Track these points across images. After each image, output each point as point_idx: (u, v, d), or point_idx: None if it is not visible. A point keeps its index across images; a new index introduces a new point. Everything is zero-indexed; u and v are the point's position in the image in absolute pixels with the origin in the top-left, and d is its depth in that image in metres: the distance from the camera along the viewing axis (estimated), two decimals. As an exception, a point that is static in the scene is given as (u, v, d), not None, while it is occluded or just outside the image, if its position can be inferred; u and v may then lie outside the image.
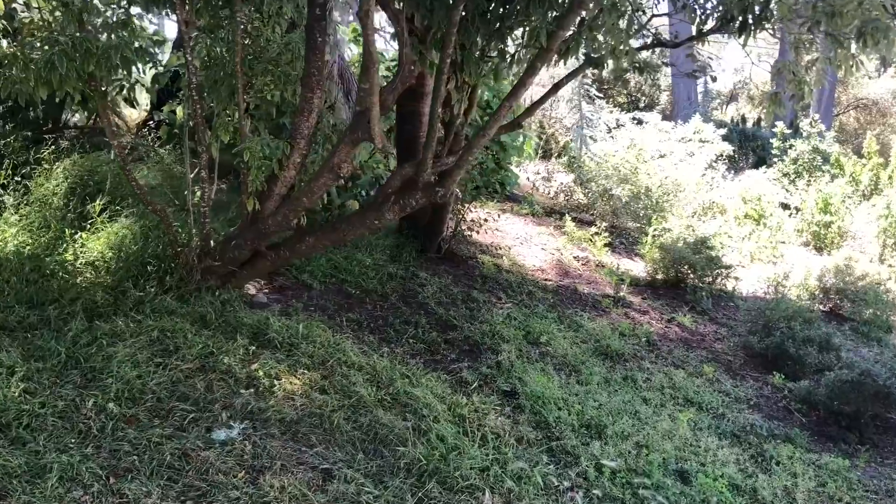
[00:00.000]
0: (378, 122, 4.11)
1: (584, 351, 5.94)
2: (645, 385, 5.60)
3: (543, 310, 6.63)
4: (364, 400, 4.12)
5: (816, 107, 33.98)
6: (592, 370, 5.56)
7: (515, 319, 6.18)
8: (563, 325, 6.38)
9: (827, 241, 12.46)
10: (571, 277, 8.08)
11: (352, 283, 6.15)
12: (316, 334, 4.69)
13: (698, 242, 8.42)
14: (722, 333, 7.29)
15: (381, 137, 4.20)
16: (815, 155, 17.13)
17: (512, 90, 4.52)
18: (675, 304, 7.88)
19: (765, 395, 6.01)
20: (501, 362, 5.23)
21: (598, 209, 10.68)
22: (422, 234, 7.23)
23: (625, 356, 6.06)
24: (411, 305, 6.05)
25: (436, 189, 4.63)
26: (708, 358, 6.52)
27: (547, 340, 5.92)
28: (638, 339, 6.54)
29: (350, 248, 6.77)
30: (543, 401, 4.76)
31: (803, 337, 6.46)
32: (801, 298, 8.80)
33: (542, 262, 8.40)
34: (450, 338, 5.56)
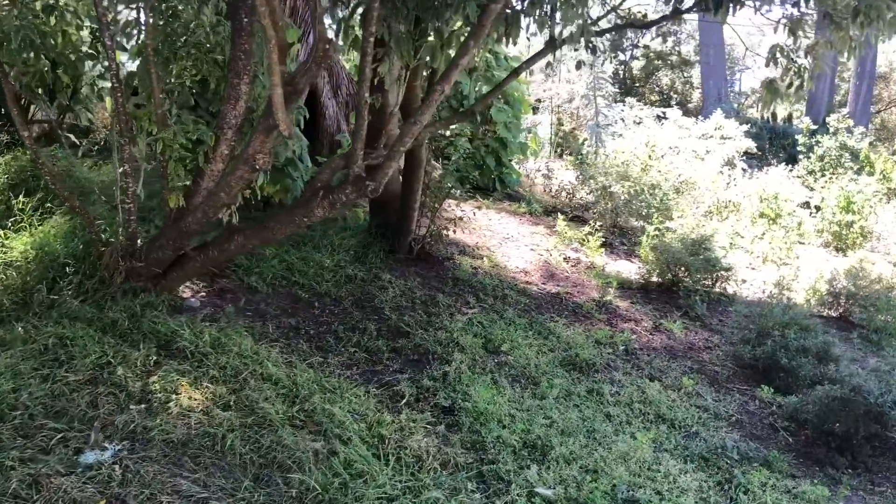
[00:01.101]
0: (281, 106, 3.70)
1: (549, 361, 5.46)
2: (612, 399, 5.10)
3: (513, 315, 6.16)
4: (270, 418, 3.70)
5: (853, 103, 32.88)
6: (553, 382, 5.08)
7: (478, 326, 5.72)
8: (531, 333, 5.90)
9: (849, 241, 11.75)
10: (557, 280, 7.59)
11: (304, 286, 5.76)
12: (234, 343, 4.29)
13: (696, 243, 7.85)
14: (714, 341, 6.73)
15: (286, 123, 3.79)
16: (843, 152, 16.31)
17: (444, 73, 4.07)
18: (667, 309, 7.34)
19: (750, 411, 5.46)
20: (448, 374, 4.78)
21: (598, 207, 10.14)
22: (391, 234, 6.81)
23: (595, 366, 5.56)
24: (365, 310, 5.63)
25: (366, 183, 4.20)
26: (692, 368, 5.99)
27: (509, 349, 5.46)
28: (615, 347, 6.03)
29: (309, 249, 6.39)
30: (485, 418, 4.31)
31: (798, 346, 5.89)
32: (810, 303, 8.20)
33: (528, 263, 7.91)
34: (398, 346, 5.13)
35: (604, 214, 10.01)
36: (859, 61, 32.01)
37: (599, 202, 10.19)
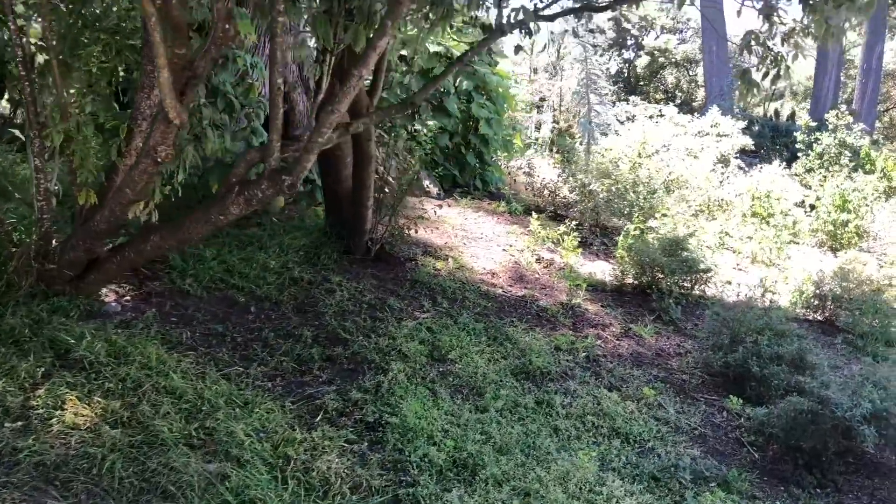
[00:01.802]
0: (170, 91, 3.35)
1: (500, 369, 5.10)
2: (563, 411, 4.73)
3: (469, 320, 5.80)
4: (163, 437, 3.36)
5: (859, 100, 32.34)
6: (499, 393, 4.72)
7: (426, 332, 5.37)
8: (486, 339, 5.54)
9: (844, 241, 11.33)
10: (525, 282, 7.22)
11: (242, 290, 5.42)
12: (140, 352, 3.95)
13: (673, 243, 7.47)
14: (686, 347, 6.35)
15: (174, 109, 3.44)
16: (842, 149, 15.87)
17: (362, 57, 3.72)
18: (640, 313, 6.96)
19: (715, 424, 5.08)
20: (381, 385, 4.43)
21: (579, 206, 9.76)
22: (346, 233, 6.46)
23: (550, 375, 5.20)
24: (305, 315, 5.28)
25: (282, 178, 3.85)
26: (657, 377, 5.61)
27: (457, 357, 5.10)
28: (576, 353, 5.66)
29: (255, 249, 6.04)
30: (414, 434, 3.95)
31: (771, 353, 5.51)
32: (796, 306, 7.81)
33: (497, 264, 7.55)
34: (333, 354, 4.78)
35: (584, 213, 9.63)
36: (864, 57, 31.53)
37: (581, 201, 9.81)
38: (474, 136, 11.01)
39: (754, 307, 6.12)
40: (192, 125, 4.41)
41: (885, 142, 20.55)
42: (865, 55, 32.07)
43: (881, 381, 4.73)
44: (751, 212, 11.72)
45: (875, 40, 31.44)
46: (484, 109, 10.91)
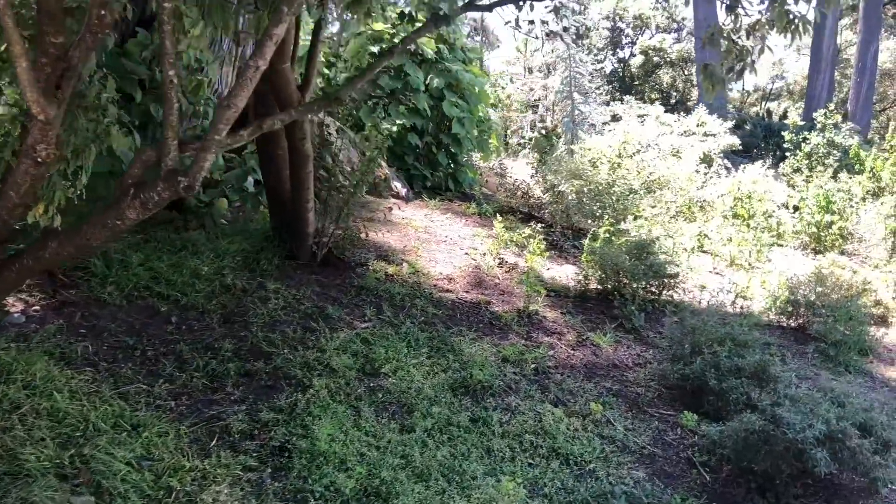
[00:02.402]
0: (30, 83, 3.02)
1: (438, 384, 4.77)
2: (499, 430, 4.41)
3: (414, 329, 5.47)
4: (30, 466, 3.03)
5: (854, 100, 32.01)
6: (430, 410, 4.39)
7: (362, 344, 5.04)
8: (427, 350, 5.21)
9: (827, 243, 11.00)
10: (483, 288, 6.90)
11: (167, 298, 5.08)
12: (24, 369, 3.62)
13: (639, 246, 7.14)
14: (646, 357, 6.03)
15: (37, 104, 3.11)
16: (831, 149, 15.54)
17: (257, 45, 3.38)
18: (601, 320, 6.63)
19: (667, 442, 4.76)
20: (297, 403, 4.10)
21: (550, 208, 9.43)
22: (288, 237, 6.14)
23: (492, 389, 4.87)
24: (231, 326, 4.95)
25: (178, 179, 3.52)
26: (610, 390, 5.28)
27: (391, 371, 4.77)
28: (524, 365, 5.34)
29: (188, 253, 5.71)
30: (324, 458, 3.63)
31: (730, 365, 5.18)
32: (770, 312, 7.49)
33: (456, 269, 7.22)
34: (252, 369, 4.45)
35: (555, 215, 9.30)
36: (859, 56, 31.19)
37: (552, 202, 9.48)
38: (446, 136, 10.69)
39: (716, 314, 5.79)
40: (96, 123, 4.08)
41: (880, 141, 20.17)
42: (860, 54, 31.72)
43: (841, 397, 4.40)
44: (732, 213, 11.38)
45: (870, 38, 31.09)
46: (456, 108, 10.59)
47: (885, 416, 4.30)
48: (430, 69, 10.62)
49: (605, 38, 37.52)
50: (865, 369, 6.54)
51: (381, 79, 10.34)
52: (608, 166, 11.69)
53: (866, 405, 4.34)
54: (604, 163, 11.83)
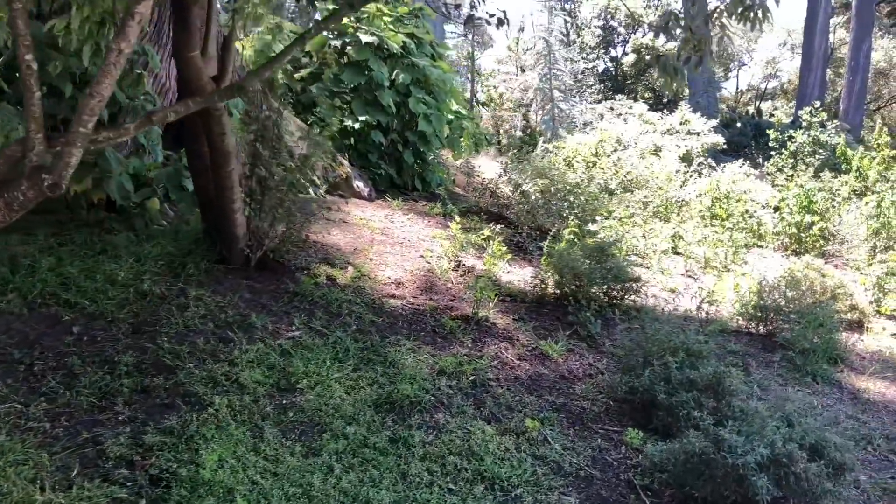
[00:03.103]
0: None
1: (360, 399, 4.39)
2: (421, 451, 4.04)
3: (346, 339, 5.10)
4: None
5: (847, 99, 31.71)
6: (345, 430, 4.02)
7: (281, 356, 4.66)
8: (356, 362, 4.84)
9: (808, 244, 10.64)
10: (434, 293, 6.53)
11: (75, 306, 4.71)
12: None
13: (599, 249, 6.78)
14: (599, 367, 5.66)
15: None
16: (817, 147, 15.18)
17: (119, 29, 3.01)
18: (555, 327, 6.27)
19: (607, 463, 4.39)
20: (190, 424, 3.72)
21: (516, 208, 9.06)
22: (218, 240, 5.77)
23: (422, 405, 4.50)
24: (140, 337, 4.58)
25: (42, 176, 3.15)
26: (553, 404, 4.91)
27: (309, 386, 4.40)
28: (462, 377, 4.96)
29: (106, 257, 5.34)
30: (208, 489, 3.25)
31: (681, 378, 4.81)
32: (740, 317, 7.12)
33: (407, 272, 6.85)
34: (151, 385, 4.07)
35: (520, 215, 8.93)
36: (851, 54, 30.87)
37: (518, 202, 9.11)
38: (413, 134, 10.31)
39: (671, 322, 5.42)
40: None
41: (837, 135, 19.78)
42: (853, 52, 31.41)
43: (793, 414, 4.03)
44: (710, 213, 11.02)
45: (862, 37, 30.78)
46: (423, 105, 10.21)
47: (838, 435, 3.93)
48: (395, 64, 10.24)
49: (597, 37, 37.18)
50: (835, 379, 6.18)
51: (344, 74, 9.97)
52: (583, 165, 11.37)
53: (819, 424, 3.97)
54: (578, 162, 11.51)
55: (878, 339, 7.48)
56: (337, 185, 9.53)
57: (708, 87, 23.08)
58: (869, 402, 5.87)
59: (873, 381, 6.27)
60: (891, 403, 5.90)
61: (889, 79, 41.15)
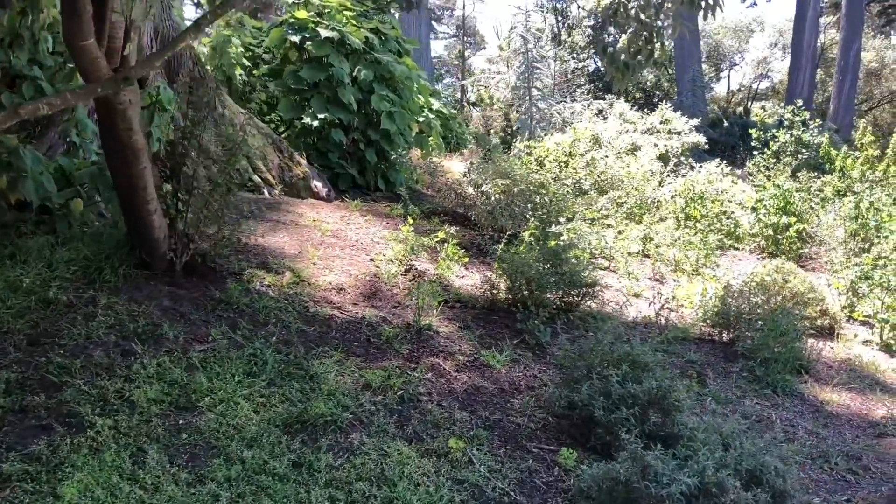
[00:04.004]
0: None
1: (268, 419, 4.04)
2: (327, 476, 3.69)
3: (265, 351, 4.75)
4: None
5: (836, 98, 31.48)
6: (243, 454, 3.66)
7: (187, 370, 4.30)
8: (272, 376, 4.49)
9: (784, 246, 10.31)
10: (378, 299, 6.18)
11: (-34, 316, 4.34)
12: None
13: (553, 253, 6.43)
14: (542, 380, 5.32)
15: None
16: (799, 146, 14.86)
17: None
18: (503, 335, 5.92)
19: (536, 487, 4.04)
20: (59, 450, 3.37)
21: (476, 209, 8.71)
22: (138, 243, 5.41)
23: (337, 424, 4.15)
24: (34, 350, 4.22)
25: None
26: (486, 421, 4.57)
27: (214, 403, 4.05)
28: (389, 393, 4.61)
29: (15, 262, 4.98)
30: (63, 525, 2.88)
31: (623, 393, 4.46)
32: (701, 325, 6.79)
33: (352, 277, 6.50)
34: (30, 405, 3.72)
35: (480, 217, 8.59)
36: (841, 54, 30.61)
37: (479, 203, 8.76)
38: (375, 132, 9.97)
39: (617, 329, 5.08)
40: None
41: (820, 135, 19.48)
42: (842, 52, 31.17)
43: (734, 435, 3.69)
44: (684, 215, 10.69)
45: (852, 37, 30.52)
46: (387, 102, 9.86)
47: (780, 459, 3.58)
48: (358, 61, 9.90)
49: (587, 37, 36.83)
50: (797, 390, 5.84)
51: (303, 70, 9.62)
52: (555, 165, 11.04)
53: (759, 445, 3.63)
54: (551, 162, 11.18)
55: (849, 346, 7.16)
56: (294, 186, 9.20)
57: (693, 86, 22.73)
58: (831, 415, 5.54)
59: (838, 393, 5.94)
60: (854, 417, 5.56)
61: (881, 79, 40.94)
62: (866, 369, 6.50)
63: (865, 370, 6.49)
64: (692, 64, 24.50)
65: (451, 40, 50.47)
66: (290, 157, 9.31)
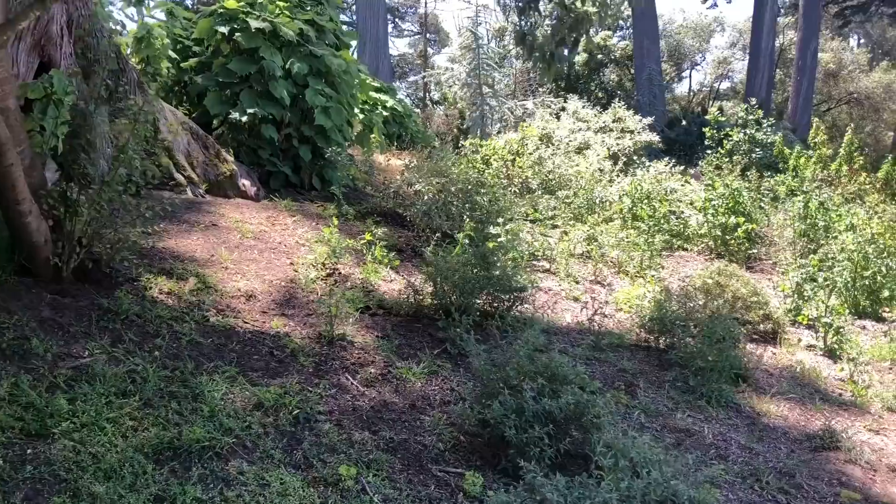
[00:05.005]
0: None
1: (136, 445, 3.60)
2: (189, 513, 3.25)
3: (147, 367, 4.30)
4: None
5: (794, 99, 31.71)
6: (94, 489, 3.22)
7: (48, 391, 3.84)
8: (149, 396, 4.04)
9: (733, 247, 10.07)
10: (291, 307, 5.75)
11: None
12: None
13: (481, 256, 6.06)
14: (460, 394, 4.94)
15: None
16: (752, 146, 14.71)
17: None
18: (424, 345, 5.54)
19: (434, 518, 3.65)
20: None
21: (411, 210, 8.31)
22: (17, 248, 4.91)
23: (215, 450, 3.71)
24: None
25: None
26: (390, 443, 4.17)
27: (71, 429, 3.59)
28: (283, 412, 4.19)
29: None
30: None
31: (537, 410, 4.10)
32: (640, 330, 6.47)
33: (266, 283, 6.06)
34: None
35: (415, 217, 8.19)
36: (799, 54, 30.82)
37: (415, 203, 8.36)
38: (310, 128, 9.50)
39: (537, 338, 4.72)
40: None
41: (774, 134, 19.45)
42: (800, 52, 31.41)
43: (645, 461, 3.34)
44: (631, 215, 10.40)
45: (809, 37, 30.75)
46: (321, 97, 9.40)
47: (695, 487, 3.24)
48: (292, 53, 9.43)
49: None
50: (733, 401, 5.54)
51: (232, 63, 9.13)
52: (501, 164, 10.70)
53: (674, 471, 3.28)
54: (497, 160, 10.84)
55: (792, 351, 6.90)
56: (220, 184, 8.71)
57: (650, 85, 22.59)
58: (767, 427, 5.24)
59: (776, 403, 5.65)
60: (791, 429, 5.27)
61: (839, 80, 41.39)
62: (807, 377, 6.23)
63: (806, 378, 6.22)
64: (649, 63, 24.36)
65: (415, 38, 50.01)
66: (217, 154, 8.82)
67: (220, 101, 9.26)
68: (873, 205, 11.43)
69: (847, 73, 41.21)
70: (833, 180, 13.79)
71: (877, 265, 8.36)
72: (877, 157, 18.01)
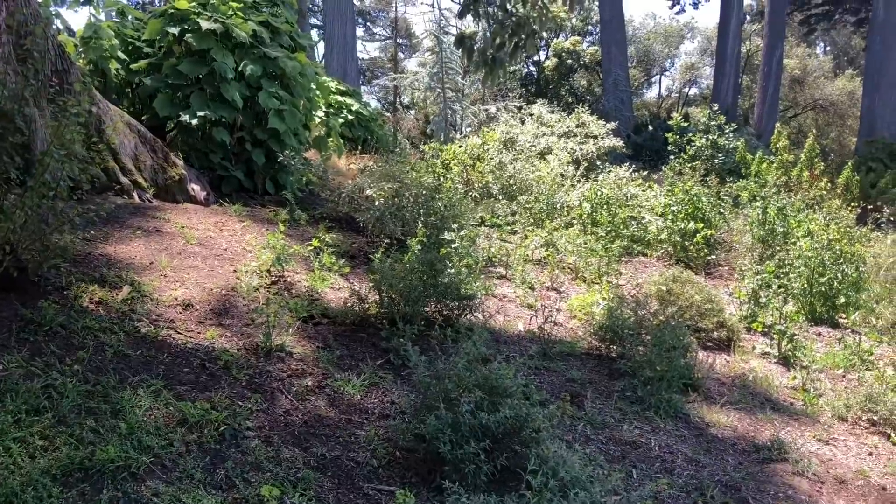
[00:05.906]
0: None
1: (41, 467, 3.38)
2: (94, 541, 3.05)
3: (65, 382, 4.07)
4: None
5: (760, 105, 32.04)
6: (-13, 517, 3.00)
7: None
8: (66, 412, 3.82)
9: (692, 253, 10.03)
10: (229, 317, 5.55)
11: None
12: None
13: (428, 263, 5.91)
14: (401, 407, 4.77)
15: None
16: (715, 151, 14.75)
17: None
18: (366, 355, 5.37)
19: (361, 540, 3.48)
20: None
21: (363, 215, 8.14)
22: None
23: (130, 470, 3.51)
24: None
25: None
26: (322, 460, 3.99)
27: (-30, 450, 3.36)
28: (208, 429, 3.99)
29: None
30: None
31: (473, 424, 3.95)
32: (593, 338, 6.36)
33: (205, 291, 5.85)
34: None
35: (368, 223, 8.02)
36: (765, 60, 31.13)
37: (368, 208, 8.19)
38: (263, 132, 9.30)
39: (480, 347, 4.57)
40: None
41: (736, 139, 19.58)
42: (765, 58, 31.76)
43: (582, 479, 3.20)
44: (590, 220, 10.32)
45: (774, 43, 31.09)
46: (275, 100, 9.20)
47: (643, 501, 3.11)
48: (245, 55, 9.21)
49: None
50: (683, 411, 5.44)
51: (182, 64, 8.90)
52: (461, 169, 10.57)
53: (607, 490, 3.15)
54: (457, 165, 10.70)
55: (746, 359, 6.84)
56: (168, 189, 8.47)
57: (616, 89, 22.63)
58: (715, 438, 5.14)
59: (726, 413, 5.56)
60: (740, 440, 5.18)
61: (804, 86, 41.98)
62: (759, 385, 6.16)
63: (759, 386, 6.15)
64: (616, 68, 24.43)
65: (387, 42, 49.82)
66: (166, 158, 8.58)
67: (171, 103, 9.02)
68: (832, 210, 11.50)
69: (812, 80, 41.84)
70: (794, 186, 13.88)
71: (833, 271, 8.36)
72: (840, 163, 18.17)
